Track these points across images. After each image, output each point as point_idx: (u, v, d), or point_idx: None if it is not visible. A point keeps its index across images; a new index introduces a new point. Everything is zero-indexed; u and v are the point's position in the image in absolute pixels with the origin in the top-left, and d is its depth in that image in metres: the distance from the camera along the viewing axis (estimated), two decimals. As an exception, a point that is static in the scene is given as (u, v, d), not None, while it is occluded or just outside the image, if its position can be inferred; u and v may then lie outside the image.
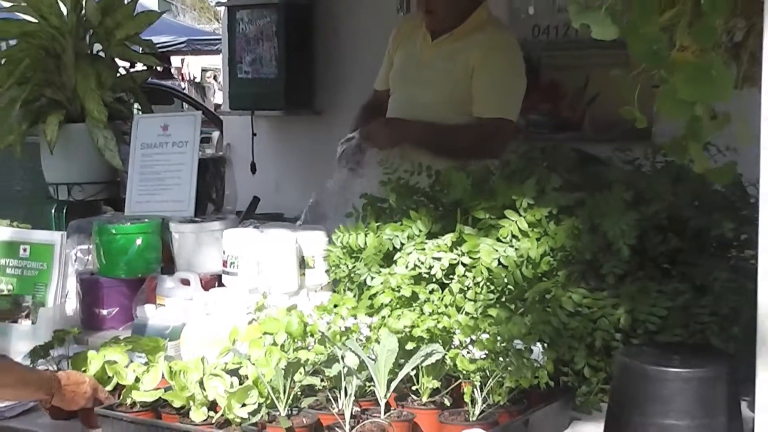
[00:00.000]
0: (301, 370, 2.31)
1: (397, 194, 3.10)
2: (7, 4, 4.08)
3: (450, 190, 3.02)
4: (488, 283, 2.70)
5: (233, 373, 2.40)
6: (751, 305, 1.79)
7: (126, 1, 4.26)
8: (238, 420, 2.29)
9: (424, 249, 2.79)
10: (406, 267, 2.77)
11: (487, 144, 4.02)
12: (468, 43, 4.12)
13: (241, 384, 2.34)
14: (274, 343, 2.36)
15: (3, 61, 4.08)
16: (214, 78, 20.74)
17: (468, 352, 2.39)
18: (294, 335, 2.37)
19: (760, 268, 1.73)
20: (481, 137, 4.05)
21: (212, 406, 2.35)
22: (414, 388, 2.38)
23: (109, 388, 2.56)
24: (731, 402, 2.14)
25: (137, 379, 2.45)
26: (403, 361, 2.32)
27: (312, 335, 2.40)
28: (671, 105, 2.00)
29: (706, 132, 2.03)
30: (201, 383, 2.38)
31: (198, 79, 22.01)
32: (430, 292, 2.73)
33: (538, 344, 2.46)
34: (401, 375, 2.30)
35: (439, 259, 2.74)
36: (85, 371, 2.59)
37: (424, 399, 2.36)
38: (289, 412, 2.27)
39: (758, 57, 1.86)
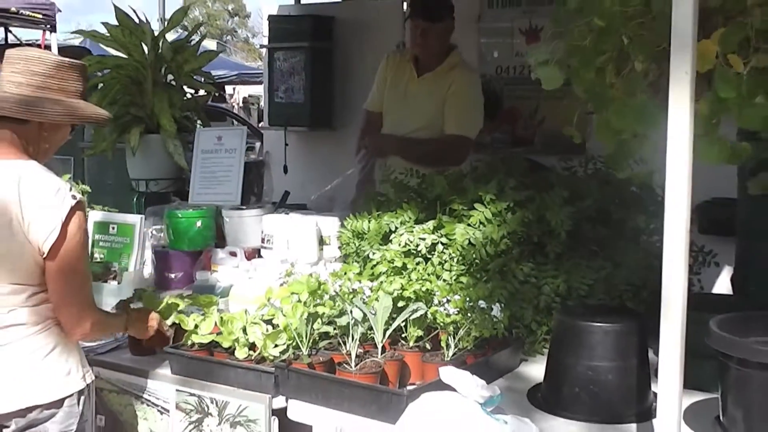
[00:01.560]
0: (319, 320, 2.32)
1: (394, 190, 3.10)
2: (105, 33, 4.06)
3: (433, 188, 3.01)
4: (461, 258, 2.69)
5: (268, 321, 2.40)
6: (657, 277, 1.79)
7: (192, 44, 4.25)
8: (272, 357, 2.29)
9: (413, 231, 2.78)
10: (399, 245, 2.76)
11: (451, 154, 3.98)
12: (444, 81, 4.08)
13: (274, 330, 2.34)
14: (299, 300, 2.35)
15: (99, 86, 4.07)
16: (257, 102, 20.63)
17: (444, 309, 2.39)
18: (314, 294, 2.36)
19: (664, 250, 1.73)
20: (446, 148, 4.01)
21: (252, 346, 2.36)
22: (403, 335, 2.38)
23: (169, 322, 2.55)
24: (641, 349, 2.13)
25: (196, 326, 2.45)
26: (395, 315, 2.32)
27: (327, 294, 2.40)
28: (606, 133, 2.00)
29: (635, 150, 2.03)
30: (244, 329, 2.38)
31: (245, 103, 21.88)
32: (417, 264, 2.72)
33: (497, 304, 2.46)
34: (394, 325, 2.30)
35: (424, 239, 2.74)
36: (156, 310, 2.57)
37: (411, 344, 2.35)
38: (310, 351, 2.28)
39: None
